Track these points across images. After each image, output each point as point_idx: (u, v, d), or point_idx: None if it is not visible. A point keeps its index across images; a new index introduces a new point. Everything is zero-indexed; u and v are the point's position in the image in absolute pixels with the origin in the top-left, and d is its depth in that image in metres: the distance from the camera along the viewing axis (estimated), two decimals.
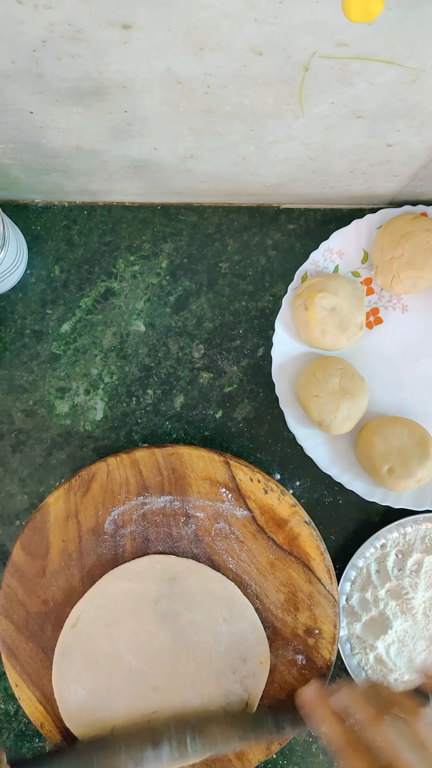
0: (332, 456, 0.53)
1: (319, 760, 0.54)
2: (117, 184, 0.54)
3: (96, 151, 0.47)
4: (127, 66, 0.35)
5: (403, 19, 0.30)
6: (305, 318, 0.52)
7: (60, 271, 0.58)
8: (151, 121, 0.42)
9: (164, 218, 0.58)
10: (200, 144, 0.46)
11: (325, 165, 0.49)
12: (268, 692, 0.49)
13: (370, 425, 0.52)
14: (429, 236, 0.51)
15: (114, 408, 0.57)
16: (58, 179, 0.53)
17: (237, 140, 0.45)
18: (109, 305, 0.57)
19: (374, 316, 0.56)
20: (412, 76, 0.36)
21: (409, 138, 0.44)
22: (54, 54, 0.34)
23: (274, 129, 0.43)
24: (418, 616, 0.52)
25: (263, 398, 0.57)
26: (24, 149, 0.48)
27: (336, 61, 0.34)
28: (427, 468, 0.50)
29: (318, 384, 0.51)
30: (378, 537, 0.53)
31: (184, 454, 0.51)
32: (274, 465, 0.56)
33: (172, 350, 0.57)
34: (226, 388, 0.57)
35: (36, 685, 0.50)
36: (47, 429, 0.56)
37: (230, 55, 0.34)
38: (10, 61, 0.35)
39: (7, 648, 0.51)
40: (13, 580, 0.51)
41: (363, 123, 0.42)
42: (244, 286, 0.58)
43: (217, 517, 0.51)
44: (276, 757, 0.54)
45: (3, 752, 0.43)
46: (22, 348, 0.57)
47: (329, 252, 0.55)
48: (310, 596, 0.50)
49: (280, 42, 0.32)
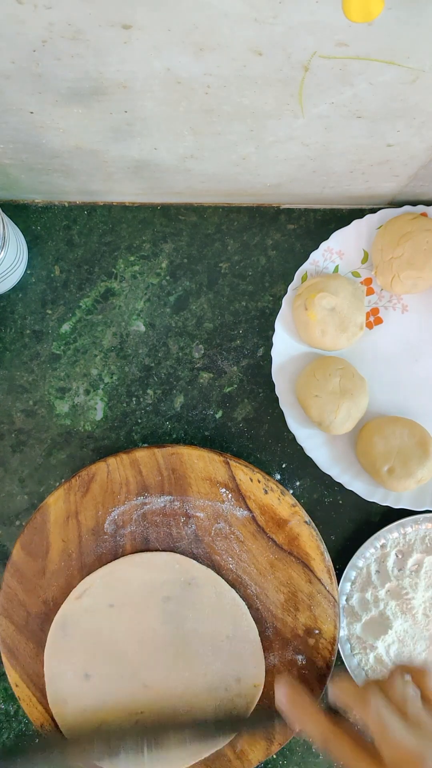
0: (332, 456, 0.53)
1: (319, 760, 0.54)
2: (117, 184, 0.54)
3: (96, 151, 0.47)
4: (127, 66, 0.35)
5: (403, 19, 0.30)
6: (305, 318, 0.52)
7: (60, 271, 0.58)
8: (151, 121, 0.42)
9: (164, 218, 0.58)
10: (200, 144, 0.46)
11: (325, 165, 0.49)
12: (268, 693, 0.49)
13: (370, 425, 0.52)
14: (429, 236, 0.51)
15: (114, 408, 0.57)
16: (58, 179, 0.53)
17: (237, 140, 0.45)
18: (109, 305, 0.57)
19: (374, 316, 0.56)
20: (412, 76, 0.36)
21: (409, 138, 0.44)
22: (54, 54, 0.34)
23: (274, 129, 0.43)
24: (418, 616, 0.52)
25: (263, 398, 0.57)
26: (24, 149, 0.48)
27: (336, 61, 0.34)
28: (427, 468, 0.50)
29: (318, 384, 0.51)
30: (378, 537, 0.53)
31: (184, 454, 0.51)
32: (274, 465, 0.56)
33: (172, 350, 0.57)
34: (226, 388, 0.57)
35: (36, 685, 0.50)
36: (47, 429, 0.56)
37: (230, 55, 0.34)
38: (10, 61, 0.35)
39: (7, 648, 0.51)
40: (13, 580, 0.51)
41: (363, 123, 0.42)
42: (244, 286, 0.58)
43: (217, 517, 0.51)
44: (276, 757, 0.54)
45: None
46: (22, 348, 0.57)
47: (329, 252, 0.55)
48: (310, 596, 0.50)
49: (280, 42, 0.32)
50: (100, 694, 0.49)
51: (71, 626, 0.49)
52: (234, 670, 0.49)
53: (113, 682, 0.49)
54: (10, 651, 0.51)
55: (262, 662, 0.49)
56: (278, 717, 0.43)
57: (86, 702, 0.49)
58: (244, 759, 0.49)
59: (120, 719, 0.48)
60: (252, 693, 0.49)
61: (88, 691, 0.49)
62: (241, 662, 0.49)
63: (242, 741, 0.49)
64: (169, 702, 0.48)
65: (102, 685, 0.49)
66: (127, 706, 0.48)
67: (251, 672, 0.49)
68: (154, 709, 0.48)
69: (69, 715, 0.49)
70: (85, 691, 0.49)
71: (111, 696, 0.48)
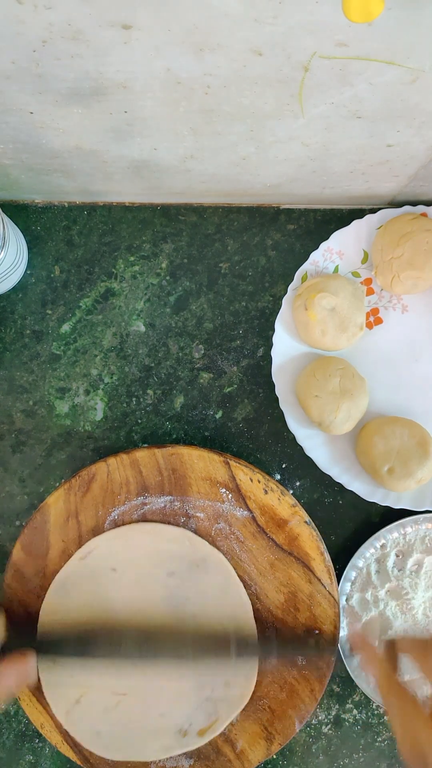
0: (332, 456, 0.53)
1: (319, 760, 0.54)
2: (117, 185, 0.54)
3: (96, 151, 0.47)
4: (127, 66, 0.35)
5: (403, 20, 0.30)
6: (305, 318, 0.52)
7: (60, 272, 0.58)
8: (151, 122, 0.42)
9: (164, 218, 0.58)
10: (200, 144, 0.46)
11: (325, 165, 0.49)
12: (267, 693, 0.49)
13: (370, 425, 0.52)
14: (429, 236, 0.51)
15: (114, 408, 0.57)
16: (58, 179, 0.53)
17: (237, 140, 0.45)
18: (109, 305, 0.57)
19: (374, 316, 0.56)
20: (412, 76, 0.36)
21: (409, 138, 0.44)
22: (54, 54, 0.34)
23: (274, 129, 0.43)
24: (418, 616, 0.52)
25: (263, 398, 0.57)
26: (24, 149, 0.48)
27: (336, 61, 0.34)
28: (427, 468, 0.50)
29: (318, 384, 0.51)
30: (378, 537, 0.53)
31: (184, 454, 0.51)
32: (274, 465, 0.56)
33: (172, 350, 0.57)
34: (226, 388, 0.57)
35: (36, 685, 0.50)
36: (47, 429, 0.56)
37: (230, 56, 0.34)
38: (10, 62, 0.35)
39: None
40: (13, 580, 0.51)
41: (363, 123, 0.42)
42: (244, 286, 0.58)
43: (217, 517, 0.51)
44: (276, 757, 0.54)
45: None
46: (22, 348, 0.57)
47: (329, 252, 0.55)
48: (311, 596, 0.50)
49: (280, 42, 0.32)
50: (87, 667, 0.49)
51: (71, 586, 0.49)
52: (226, 675, 0.49)
53: (101, 654, 0.48)
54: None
55: (254, 675, 0.49)
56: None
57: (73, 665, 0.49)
58: (244, 759, 0.49)
59: (102, 695, 0.49)
60: (236, 702, 0.49)
61: (75, 662, 0.49)
62: (236, 668, 0.49)
63: (242, 741, 0.49)
64: (153, 684, 0.48)
65: (88, 661, 0.49)
66: (110, 683, 0.48)
67: (242, 681, 0.49)
68: (137, 689, 0.49)
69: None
70: (72, 662, 0.49)
71: (96, 670, 0.48)
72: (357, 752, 0.54)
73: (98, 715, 0.49)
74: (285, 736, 0.49)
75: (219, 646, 0.48)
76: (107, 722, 0.49)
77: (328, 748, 0.54)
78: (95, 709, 0.49)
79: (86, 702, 0.49)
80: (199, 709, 0.49)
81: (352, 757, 0.54)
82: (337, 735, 0.54)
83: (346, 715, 0.55)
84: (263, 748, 0.49)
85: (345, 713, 0.55)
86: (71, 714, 0.49)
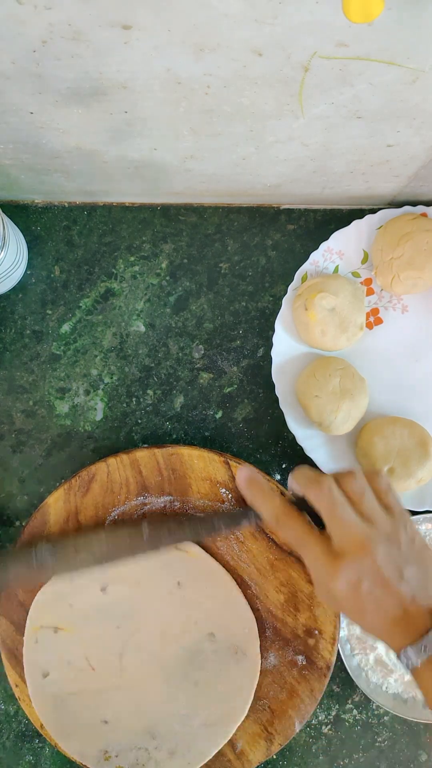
0: (332, 456, 0.53)
1: (319, 760, 0.54)
2: (117, 185, 0.54)
3: (96, 151, 0.47)
4: (128, 66, 0.35)
5: (403, 20, 0.30)
6: (305, 318, 0.52)
7: (60, 272, 0.58)
8: (151, 122, 0.42)
9: (164, 218, 0.58)
10: (200, 144, 0.46)
11: (325, 165, 0.49)
12: (267, 693, 0.49)
13: (370, 425, 0.52)
14: (429, 236, 0.51)
15: (114, 408, 0.57)
16: (58, 180, 0.53)
17: (237, 141, 0.45)
18: (109, 305, 0.57)
19: (374, 316, 0.56)
20: (412, 76, 0.36)
21: (409, 138, 0.44)
22: (54, 54, 0.34)
23: (274, 129, 0.43)
24: None
25: (263, 399, 0.57)
26: (24, 150, 0.48)
27: (336, 61, 0.34)
28: (427, 468, 0.50)
29: (318, 384, 0.51)
30: None
31: (184, 454, 0.51)
32: (274, 465, 0.56)
33: (172, 351, 0.57)
34: (226, 388, 0.57)
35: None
36: (47, 429, 0.56)
37: (230, 56, 0.34)
38: (10, 62, 0.35)
39: (7, 648, 0.51)
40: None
41: (363, 123, 0.42)
42: (244, 286, 0.58)
43: None
44: (276, 757, 0.54)
45: None
46: (22, 348, 0.57)
47: (329, 252, 0.55)
48: (311, 597, 0.50)
49: (280, 42, 0.32)
50: (78, 660, 0.49)
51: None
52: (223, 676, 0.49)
53: (94, 645, 0.49)
54: (9, 651, 0.51)
55: (250, 698, 0.49)
56: (256, 516, 0.45)
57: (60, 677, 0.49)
58: (244, 759, 0.49)
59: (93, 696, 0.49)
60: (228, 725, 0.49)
61: (65, 655, 0.49)
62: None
63: (242, 741, 0.49)
64: (140, 688, 0.49)
65: (86, 639, 0.49)
66: (101, 678, 0.49)
67: (239, 705, 0.49)
68: (125, 687, 0.49)
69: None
70: (62, 654, 0.49)
71: (88, 666, 0.49)
72: (357, 752, 0.54)
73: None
74: (285, 736, 0.49)
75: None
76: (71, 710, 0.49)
77: (328, 748, 0.54)
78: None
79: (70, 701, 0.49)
80: (184, 724, 0.49)
81: (351, 757, 0.54)
82: (336, 735, 0.54)
83: (346, 715, 0.55)
84: (263, 748, 0.49)
85: (345, 713, 0.55)
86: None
